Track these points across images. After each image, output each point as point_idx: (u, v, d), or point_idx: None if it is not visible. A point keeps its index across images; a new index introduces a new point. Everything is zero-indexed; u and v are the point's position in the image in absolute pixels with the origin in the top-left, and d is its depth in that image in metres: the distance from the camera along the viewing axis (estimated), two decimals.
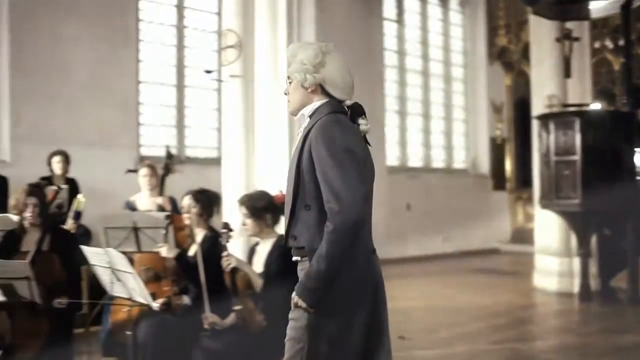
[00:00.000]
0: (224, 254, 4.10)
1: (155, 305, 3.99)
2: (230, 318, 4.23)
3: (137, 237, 5.17)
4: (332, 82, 2.68)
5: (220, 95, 10.78)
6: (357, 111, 2.71)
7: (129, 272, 3.75)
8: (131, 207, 6.04)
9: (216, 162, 10.70)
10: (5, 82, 8.64)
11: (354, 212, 2.43)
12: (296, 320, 2.62)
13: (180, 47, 10.49)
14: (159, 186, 6.11)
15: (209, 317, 4.19)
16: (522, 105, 13.53)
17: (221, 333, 4.21)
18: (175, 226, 5.30)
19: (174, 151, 9.37)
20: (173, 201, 6.22)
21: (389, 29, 13.25)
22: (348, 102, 2.72)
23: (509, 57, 14.15)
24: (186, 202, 4.75)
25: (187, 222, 4.73)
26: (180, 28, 10.51)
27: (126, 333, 4.35)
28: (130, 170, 6.34)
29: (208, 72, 6.13)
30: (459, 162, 14.77)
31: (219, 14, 10.87)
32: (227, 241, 4.14)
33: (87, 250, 4.05)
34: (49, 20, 8.82)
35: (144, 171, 6.04)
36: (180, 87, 10.46)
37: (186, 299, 4.67)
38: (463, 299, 8.79)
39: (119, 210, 5.78)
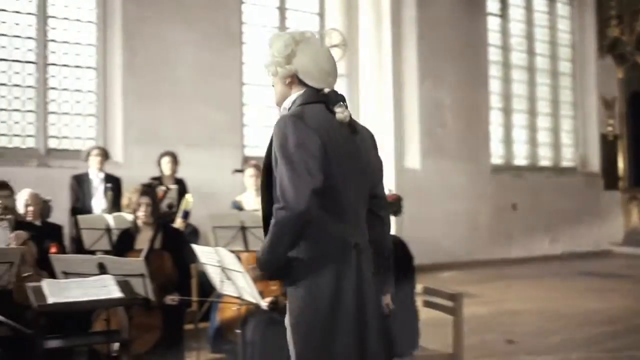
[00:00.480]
0: None
1: (264, 304, 4.02)
2: None
3: (245, 237, 5.26)
4: (306, 71, 2.58)
5: None
6: (332, 100, 2.56)
7: (238, 271, 3.79)
8: (238, 207, 6.15)
9: None
10: (118, 86, 9.01)
11: (297, 207, 2.35)
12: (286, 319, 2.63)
13: None
14: None
15: None
16: (635, 100, 12.85)
17: None
18: None
19: None
20: None
21: (493, 24, 12.89)
22: (326, 90, 2.59)
23: (622, 49, 13.49)
24: None
25: None
26: (282, 29, 10.62)
27: (235, 331, 4.40)
28: (236, 170, 6.46)
29: None
30: (567, 160, 14.20)
31: (320, 14, 10.92)
32: None
33: (197, 249, 4.13)
34: (158, 26, 9.12)
35: (250, 171, 6.13)
36: None
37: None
38: (572, 303, 8.42)
39: (227, 210, 5.88)
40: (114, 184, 7.23)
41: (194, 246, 4.16)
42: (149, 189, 4.92)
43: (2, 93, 8.62)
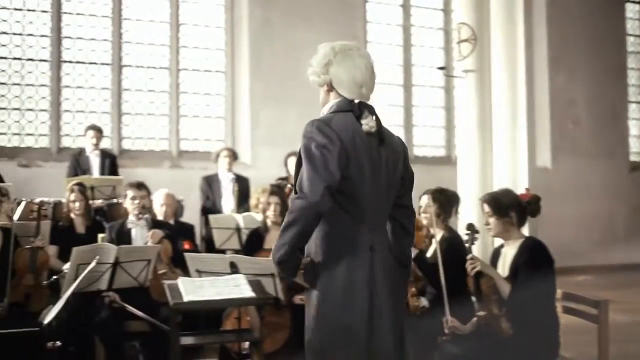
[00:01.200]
0: (469, 256, 3.91)
1: None
2: (472, 324, 4.03)
3: None
4: (338, 81, 2.73)
5: (447, 94, 10.66)
6: (357, 111, 2.68)
7: None
8: None
9: (444, 161, 10.59)
10: (246, 88, 9.21)
11: (311, 197, 2.51)
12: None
13: (406, 46, 10.47)
14: None
15: (450, 321, 4.02)
16: None
17: (462, 339, 4.02)
18: None
19: None
20: None
21: (632, 12, 12.13)
22: (356, 101, 2.71)
23: None
24: (424, 201, 4.63)
25: (424, 222, 4.60)
26: (406, 27, 10.49)
27: None
28: None
29: (441, 68, 5.96)
30: None
31: (444, 10, 10.71)
32: (473, 243, 3.95)
33: None
34: (283, 27, 9.23)
35: None
36: (407, 86, 10.43)
37: (424, 301, 4.55)
38: None
39: None
40: (242, 185, 7.37)
41: None
42: (278, 189, 4.97)
43: (140, 99, 9.02)
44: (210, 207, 7.36)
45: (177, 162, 8.99)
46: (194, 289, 3.53)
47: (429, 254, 4.59)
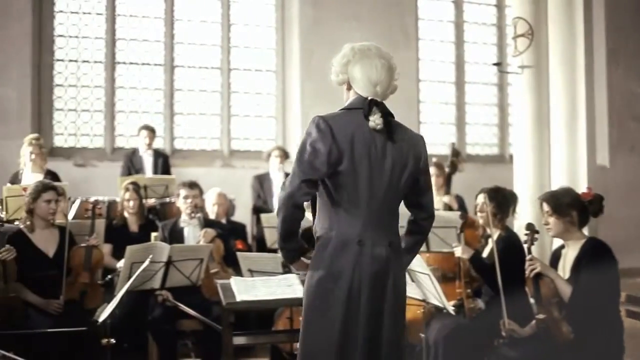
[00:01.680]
0: (528, 257, 3.80)
1: (452, 308, 3.82)
2: (531, 327, 3.91)
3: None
4: (354, 79, 2.84)
5: (501, 91, 10.45)
6: (366, 109, 2.75)
7: (424, 273, 3.63)
8: None
9: (497, 159, 10.38)
10: (297, 87, 9.18)
11: (288, 189, 2.70)
12: None
13: (459, 43, 10.29)
14: (446, 184, 5.99)
15: (507, 324, 3.91)
16: None
17: (520, 342, 3.91)
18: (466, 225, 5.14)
19: None
20: (460, 200, 6.06)
21: None
22: (369, 99, 2.78)
23: None
24: (480, 200, 4.52)
25: (480, 221, 4.49)
26: (458, 24, 10.31)
27: (420, 335, 4.25)
28: None
29: (496, 64, 5.82)
30: None
31: (497, 5, 10.50)
32: (532, 244, 3.84)
33: None
34: (334, 27, 9.17)
35: (431, 171, 5.94)
36: (459, 83, 10.26)
37: (480, 303, 4.45)
38: None
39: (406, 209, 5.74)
40: None
41: None
42: None
43: (192, 99, 9.09)
44: (261, 206, 7.36)
45: (228, 161, 9.03)
46: (246, 289, 3.51)
47: (485, 254, 4.48)
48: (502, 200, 4.48)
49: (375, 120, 2.71)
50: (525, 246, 3.89)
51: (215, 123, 9.21)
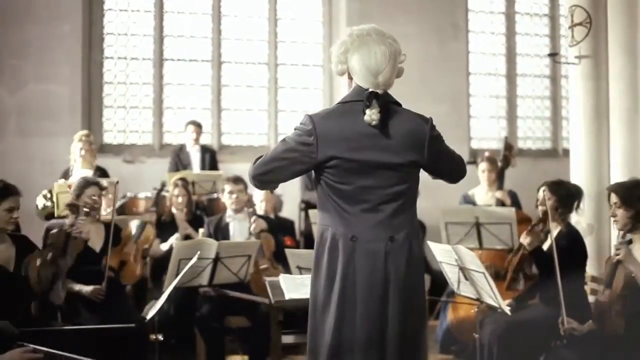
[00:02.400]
0: (617, 243, 3.67)
1: (508, 308, 3.67)
2: (589, 324, 3.75)
3: (479, 233, 4.95)
4: (353, 69, 2.66)
5: (553, 83, 10.16)
6: (367, 101, 2.59)
7: (479, 271, 3.50)
8: (469, 201, 5.84)
9: (550, 153, 10.10)
10: (344, 82, 8.95)
11: (251, 174, 2.70)
12: None
13: (510, 34, 10.04)
14: (498, 179, 5.83)
15: (566, 322, 3.74)
16: None
17: (579, 341, 3.74)
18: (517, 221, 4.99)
19: None
20: (513, 195, 5.89)
21: None
22: (370, 90, 2.61)
23: None
24: (541, 194, 4.35)
25: (539, 214, 4.33)
26: (510, 15, 10.05)
27: (473, 335, 4.12)
28: (469, 163, 6.13)
29: (552, 55, 5.62)
30: None
31: None
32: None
33: (433, 246, 3.90)
34: (382, 20, 8.96)
35: (483, 165, 5.80)
36: (510, 76, 10.01)
37: (521, 284, 4.30)
38: None
39: (459, 205, 5.60)
40: None
41: (430, 243, 3.94)
42: None
43: (239, 94, 9.07)
44: (309, 200, 7.25)
45: None
46: (295, 287, 3.43)
47: (544, 247, 4.32)
48: (565, 195, 4.31)
49: (372, 115, 2.57)
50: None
51: (262, 118, 9.17)
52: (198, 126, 7.77)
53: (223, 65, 9.04)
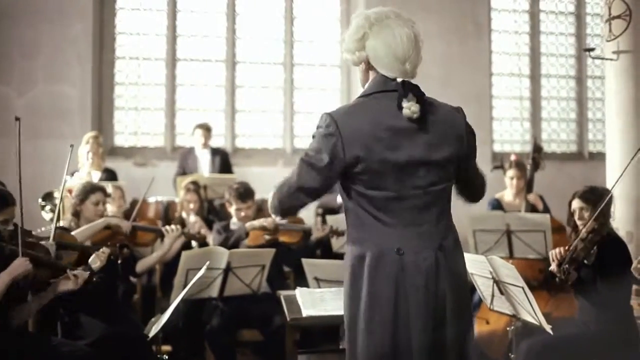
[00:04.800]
0: None
1: (549, 326, 3.33)
2: None
3: (510, 242, 4.62)
4: (375, 56, 2.34)
5: (579, 84, 9.80)
6: (400, 93, 2.27)
7: (518, 286, 3.17)
8: (496, 206, 5.51)
9: (575, 157, 9.72)
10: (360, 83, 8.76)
11: (272, 203, 2.42)
12: None
13: (534, 33, 9.68)
14: (528, 183, 5.50)
15: None
16: None
17: None
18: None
19: (528, 146, 8.68)
20: (542, 199, 5.56)
21: None
22: (399, 80, 2.31)
23: None
24: (576, 205, 4.01)
25: (581, 229, 3.99)
26: (534, 13, 9.70)
27: (510, 355, 3.78)
28: (496, 167, 5.81)
29: (588, 50, 5.28)
30: None
31: None
32: None
33: (465, 257, 3.57)
34: None
35: (512, 172, 5.47)
36: (534, 77, 9.65)
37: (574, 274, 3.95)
38: None
39: (489, 211, 5.26)
40: None
41: None
42: None
43: (253, 95, 8.79)
44: (327, 205, 6.92)
45: (291, 160, 8.66)
46: (313, 302, 3.12)
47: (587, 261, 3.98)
48: (599, 202, 3.97)
49: (411, 107, 2.26)
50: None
51: (278, 121, 8.88)
52: (206, 129, 7.50)
53: (237, 66, 8.76)
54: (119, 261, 3.98)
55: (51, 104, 7.87)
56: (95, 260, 3.56)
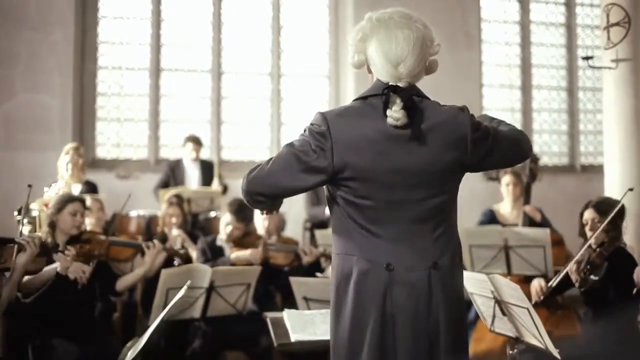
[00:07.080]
0: None
1: (556, 350, 3.12)
2: None
3: (508, 258, 4.42)
4: (371, 60, 2.22)
5: (570, 96, 9.68)
6: (388, 99, 2.12)
7: (522, 307, 2.96)
8: (491, 218, 5.31)
9: (567, 169, 9.59)
10: (351, 93, 8.51)
11: (243, 192, 2.19)
12: None
13: (525, 45, 9.56)
14: (523, 194, 5.34)
15: None
16: None
17: None
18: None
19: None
20: (541, 212, 5.39)
21: None
22: (390, 84, 2.15)
23: None
24: (589, 215, 3.83)
25: (592, 240, 3.80)
26: (525, 24, 9.58)
27: None
28: (491, 178, 5.64)
29: (586, 58, 5.12)
30: None
31: (566, 4, 9.75)
32: None
33: (465, 275, 3.37)
34: None
35: (507, 179, 5.28)
36: (525, 88, 9.52)
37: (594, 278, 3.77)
38: None
39: (487, 227, 5.07)
40: None
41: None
42: None
43: (239, 106, 8.58)
44: (315, 217, 6.68)
45: None
46: (303, 326, 2.88)
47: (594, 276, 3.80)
48: (614, 214, 3.80)
49: (393, 115, 2.10)
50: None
51: (264, 132, 8.67)
52: (197, 143, 7.25)
53: (223, 76, 8.56)
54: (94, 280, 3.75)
55: (30, 114, 7.62)
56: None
